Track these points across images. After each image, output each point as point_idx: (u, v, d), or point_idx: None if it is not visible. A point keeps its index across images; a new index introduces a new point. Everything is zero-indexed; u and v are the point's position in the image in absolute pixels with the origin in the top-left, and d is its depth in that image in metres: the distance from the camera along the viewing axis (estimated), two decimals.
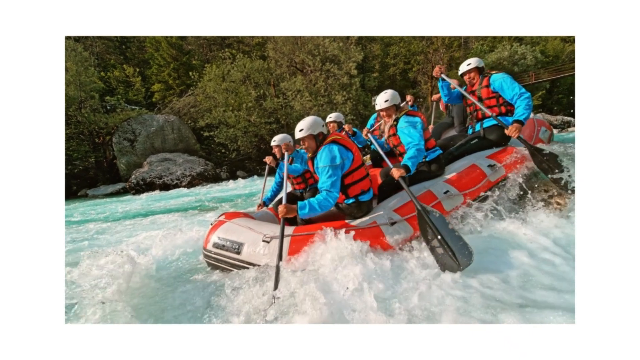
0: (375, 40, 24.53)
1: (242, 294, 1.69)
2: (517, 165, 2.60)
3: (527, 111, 2.45)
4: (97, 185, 14.72)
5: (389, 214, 2.04)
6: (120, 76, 20.20)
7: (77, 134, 15.00)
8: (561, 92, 25.50)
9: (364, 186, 2.08)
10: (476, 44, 27.01)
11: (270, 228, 2.07)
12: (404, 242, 1.96)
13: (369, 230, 1.93)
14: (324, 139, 2.07)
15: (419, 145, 2.22)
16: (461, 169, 2.48)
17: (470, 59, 2.82)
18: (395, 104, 2.41)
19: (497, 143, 2.73)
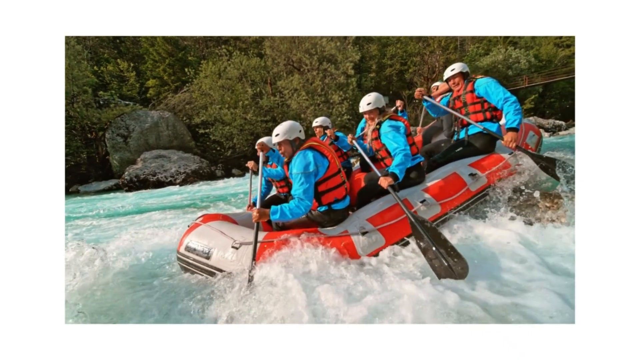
0: (372, 41, 24.59)
1: (205, 302, 1.70)
2: (500, 174, 2.53)
3: (518, 116, 2.40)
4: (89, 182, 14.48)
5: (362, 223, 2.02)
6: (114, 71, 19.85)
7: (68, 129, 14.71)
8: (553, 96, 25.97)
9: (337, 194, 2.05)
10: (472, 47, 27.30)
11: (244, 233, 2.04)
12: (374, 252, 1.94)
13: (339, 239, 1.92)
14: (301, 144, 2.05)
15: (406, 150, 2.19)
16: (441, 177, 2.41)
17: (454, 64, 2.78)
18: (379, 107, 2.37)
19: (482, 151, 2.67)
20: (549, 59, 26.88)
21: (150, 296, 1.93)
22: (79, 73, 14.78)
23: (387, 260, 1.88)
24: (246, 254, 1.85)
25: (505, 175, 2.54)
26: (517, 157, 2.64)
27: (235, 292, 1.69)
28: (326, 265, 1.76)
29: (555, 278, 1.58)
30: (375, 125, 2.37)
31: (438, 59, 23.60)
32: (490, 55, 24.39)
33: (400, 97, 24.11)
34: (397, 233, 2.05)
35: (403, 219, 2.05)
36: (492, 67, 23.92)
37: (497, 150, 2.71)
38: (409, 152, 2.19)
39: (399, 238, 2.04)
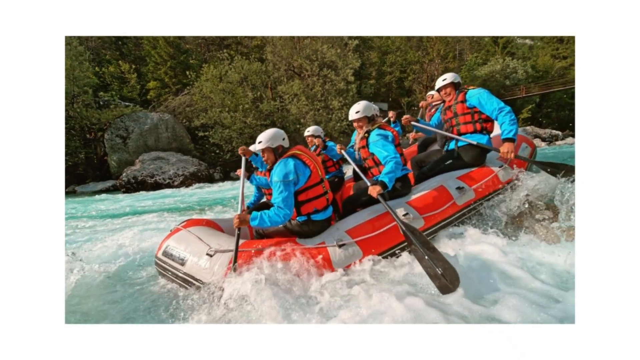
0: (372, 48, 24.91)
1: (168, 313, 1.71)
2: (490, 188, 2.43)
3: (514, 126, 2.33)
4: (86, 182, 14.42)
5: (341, 235, 1.97)
6: (115, 72, 19.94)
7: (67, 129, 14.68)
8: (550, 106, 26.33)
9: (318, 205, 2.01)
10: (470, 56, 27.71)
11: (221, 240, 2.00)
12: (351, 265, 1.89)
13: (316, 251, 1.88)
14: (284, 152, 2.04)
15: (397, 158, 2.14)
16: (427, 190, 2.33)
17: (446, 74, 2.73)
18: (367, 115, 2.34)
19: (471, 164, 2.59)
20: (546, 69, 27.34)
21: (118, 301, 1.92)
22: (81, 73, 14.83)
23: (362, 274, 1.82)
24: (220, 262, 1.82)
25: (495, 188, 2.45)
26: (507, 170, 2.56)
27: (204, 304, 1.69)
28: (299, 278, 1.74)
29: (533, 295, 1.53)
30: (364, 134, 2.34)
31: (437, 68, 23.92)
32: (488, 65, 24.77)
33: (400, 105, 24.35)
34: (376, 246, 1.98)
35: (384, 232, 2.00)
36: (489, 76, 24.27)
37: (488, 163, 2.64)
38: (399, 160, 2.16)
39: (378, 251, 1.97)
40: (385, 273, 1.85)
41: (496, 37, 28.83)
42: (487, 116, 2.51)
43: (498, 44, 28.51)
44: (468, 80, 24.71)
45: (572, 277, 1.67)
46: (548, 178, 2.45)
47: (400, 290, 1.58)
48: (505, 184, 2.50)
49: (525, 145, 3.05)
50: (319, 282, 1.75)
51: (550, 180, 2.42)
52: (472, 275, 1.67)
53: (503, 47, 28.27)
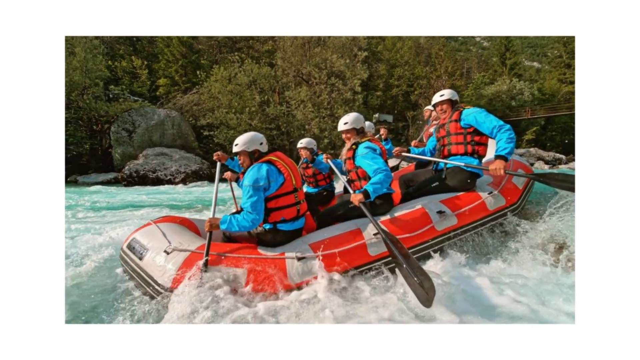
0: (381, 61, 25.24)
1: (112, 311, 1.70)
2: (475, 215, 2.26)
3: (510, 145, 2.17)
4: (89, 173, 14.52)
5: (303, 247, 1.88)
6: (127, 67, 20.31)
7: (75, 119, 14.89)
8: (555, 129, 26.40)
9: (287, 214, 1.96)
10: (478, 75, 28.00)
11: (186, 239, 1.95)
12: (307, 280, 1.78)
13: (272, 262, 1.79)
14: (260, 156, 2.00)
15: (388, 171, 2.06)
16: (406, 211, 2.20)
17: (444, 90, 2.60)
18: (356, 127, 2.28)
19: (459, 188, 2.43)
20: (552, 93, 27.53)
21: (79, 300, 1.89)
22: (93, 66, 15.12)
23: (317, 293, 1.69)
24: (174, 261, 1.77)
25: (482, 216, 2.28)
26: (497, 198, 2.39)
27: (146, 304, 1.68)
28: (245, 288, 1.68)
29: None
30: (352, 145, 2.28)
31: (444, 84, 24.14)
32: (495, 85, 24.99)
33: (405, 118, 24.52)
34: (341, 263, 1.86)
35: (351, 249, 1.90)
36: (496, 96, 24.46)
37: (477, 188, 2.46)
38: (390, 175, 2.08)
39: (342, 269, 1.85)
40: (343, 292, 1.72)
41: (504, 57, 29.16)
42: (480, 138, 2.39)
43: (506, 64, 28.83)
44: (474, 99, 24.90)
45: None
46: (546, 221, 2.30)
47: (347, 312, 1.52)
48: (493, 212, 2.32)
49: (521, 171, 2.82)
50: (264, 295, 1.68)
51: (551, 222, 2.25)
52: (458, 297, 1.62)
53: (510, 68, 28.57)
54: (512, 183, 2.60)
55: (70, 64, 14.19)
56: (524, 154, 17.63)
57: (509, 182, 2.58)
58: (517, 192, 2.54)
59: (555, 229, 2.26)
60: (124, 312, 1.72)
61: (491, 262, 2.12)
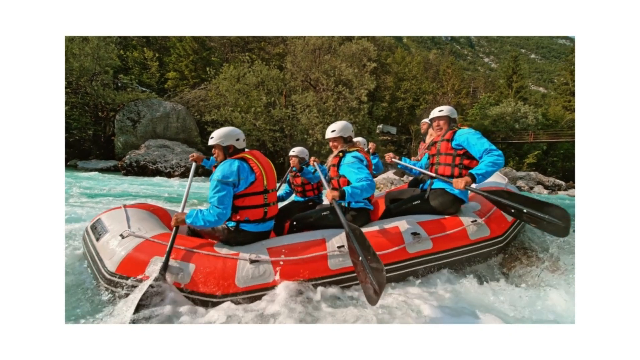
0: (389, 73, 25.53)
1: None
2: (453, 243, 2.10)
3: (489, 168, 2.03)
4: (89, 158, 14.53)
5: (261, 250, 1.80)
6: (138, 58, 20.55)
7: (82, 105, 14.99)
8: (557, 155, 26.54)
9: (252, 215, 1.90)
10: (483, 95, 28.29)
11: (147, 226, 1.90)
12: (257, 287, 1.67)
13: (224, 261, 1.71)
14: (235, 152, 1.97)
15: (372, 182, 1.98)
16: (378, 228, 2.08)
17: (444, 106, 2.47)
18: (343, 136, 2.23)
19: (440, 210, 2.27)
20: (556, 119, 27.77)
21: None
22: (105, 54, 15.29)
23: (259, 303, 1.60)
24: (125, 246, 1.72)
25: (460, 244, 2.13)
26: (481, 227, 2.21)
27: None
28: (189, 288, 1.61)
29: None
30: (338, 152, 2.22)
31: (450, 101, 24.38)
32: (500, 106, 25.22)
33: (408, 131, 24.67)
34: (297, 273, 1.74)
35: (311, 259, 1.80)
36: (500, 117, 24.67)
37: (462, 214, 2.29)
38: (374, 186, 1.99)
39: (296, 278, 1.74)
40: (290, 303, 1.60)
41: (511, 80, 29.51)
42: (470, 162, 2.25)
43: (512, 87, 29.16)
44: (478, 118, 25.11)
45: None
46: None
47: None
48: (474, 242, 2.14)
49: (486, 194, 2.65)
50: (204, 295, 1.60)
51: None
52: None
53: (516, 91, 28.89)
54: (501, 214, 2.36)
55: (83, 50, 14.35)
56: (524, 177, 17.65)
57: (497, 213, 2.36)
58: (505, 225, 2.32)
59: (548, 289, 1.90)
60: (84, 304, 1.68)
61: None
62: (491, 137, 24.66)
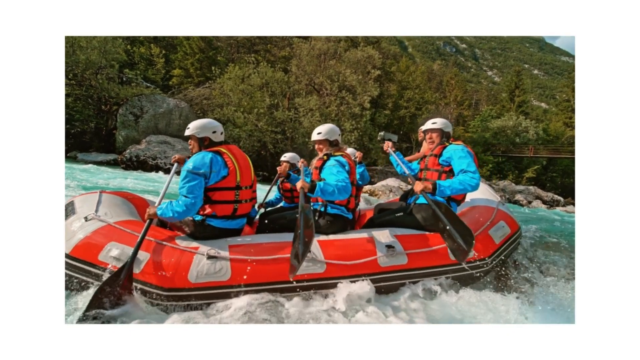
0: (393, 81, 25.71)
1: None
2: (431, 261, 1.96)
3: (455, 185, 1.96)
4: (89, 151, 14.52)
5: (222, 247, 1.72)
6: (145, 53, 20.67)
7: (85, 97, 15.02)
8: (556, 171, 26.66)
9: (220, 210, 1.83)
10: (485, 108, 28.50)
11: (116, 212, 1.88)
12: (211, 284, 1.60)
13: (181, 254, 1.64)
14: (211, 145, 1.92)
15: (348, 185, 1.92)
16: (352, 236, 2.00)
17: (438, 118, 2.38)
18: (329, 139, 2.19)
19: (422, 226, 2.16)
20: (556, 135, 27.94)
21: None
22: (112, 48, 15.36)
23: (220, 306, 1.55)
24: (86, 229, 1.70)
25: (439, 264, 1.98)
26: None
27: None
28: (139, 279, 1.54)
29: None
30: (323, 155, 2.17)
31: (452, 112, 24.53)
32: (502, 120, 25.39)
33: (409, 139, 24.75)
34: (253, 274, 1.65)
35: (270, 260, 1.72)
36: (501, 130, 24.82)
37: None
38: (349, 189, 1.93)
39: (252, 280, 1.65)
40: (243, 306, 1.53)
41: (513, 94, 29.74)
42: None
43: (514, 101, 29.39)
44: (479, 130, 25.22)
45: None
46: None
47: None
48: (455, 262, 1.98)
49: (503, 223, 2.40)
50: (152, 286, 1.53)
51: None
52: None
53: (518, 105, 29.11)
54: (489, 235, 2.24)
55: (90, 43, 14.43)
56: (523, 191, 17.67)
57: (484, 234, 2.24)
58: (492, 247, 2.18)
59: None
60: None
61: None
62: (491, 149, 24.78)
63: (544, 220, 8.51)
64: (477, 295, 1.83)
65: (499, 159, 24.59)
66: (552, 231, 4.98)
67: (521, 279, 2.18)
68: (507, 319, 1.65)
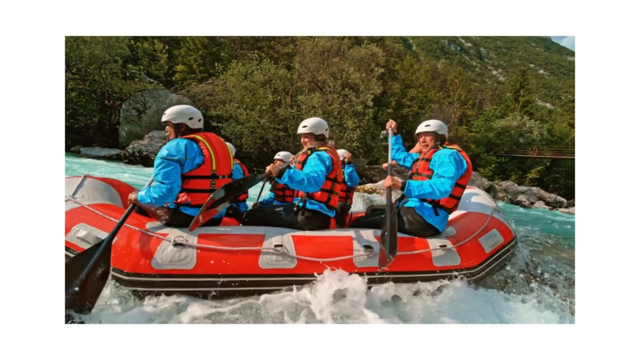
0: (396, 79, 25.55)
1: None
2: (413, 266, 1.88)
3: (424, 187, 1.89)
4: (92, 145, 14.59)
5: (192, 236, 1.68)
6: (148, 49, 20.65)
7: (89, 92, 15.07)
8: (560, 172, 26.43)
9: (194, 199, 1.81)
10: (489, 108, 28.28)
11: (93, 196, 1.88)
12: (170, 271, 1.56)
13: (148, 239, 1.61)
14: (187, 132, 1.89)
15: (318, 177, 1.85)
16: (331, 234, 1.93)
17: (431, 120, 2.28)
18: (314, 133, 2.14)
19: (407, 229, 2.07)
20: (561, 136, 27.70)
21: None
22: (116, 43, 15.37)
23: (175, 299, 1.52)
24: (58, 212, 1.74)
25: (421, 269, 1.89)
26: (452, 257, 1.98)
27: None
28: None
29: None
30: (307, 150, 2.13)
31: (455, 111, 24.35)
32: (506, 120, 25.19)
33: (412, 138, 24.64)
34: (220, 265, 1.61)
35: (241, 252, 1.67)
36: (504, 130, 24.62)
37: (433, 238, 2.05)
38: (319, 180, 1.86)
39: (218, 271, 1.60)
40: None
41: (518, 94, 29.47)
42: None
43: (519, 101, 29.11)
44: (483, 130, 25.03)
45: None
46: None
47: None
48: (438, 269, 1.91)
49: (496, 232, 2.30)
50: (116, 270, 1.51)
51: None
52: None
53: (523, 105, 28.84)
54: (478, 244, 2.13)
55: (94, 37, 14.44)
56: (525, 192, 17.56)
57: (474, 242, 2.12)
58: (481, 256, 2.08)
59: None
60: None
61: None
62: (495, 149, 24.60)
63: (542, 220, 8.44)
64: (454, 305, 1.76)
65: (502, 159, 24.43)
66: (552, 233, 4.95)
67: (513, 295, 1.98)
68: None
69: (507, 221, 2.56)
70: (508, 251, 2.33)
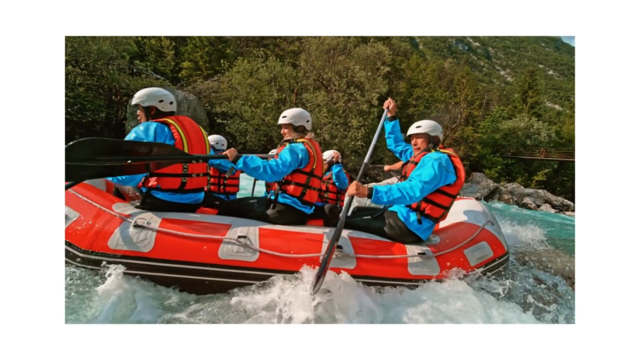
0: (402, 79, 25.36)
1: None
2: (386, 272, 1.77)
3: (393, 192, 1.74)
4: None
5: (154, 219, 1.64)
6: (155, 45, 20.81)
7: (97, 87, 15.24)
8: (567, 175, 25.99)
9: (165, 183, 1.76)
10: (496, 108, 27.92)
11: (80, 192, 1.85)
12: (126, 252, 1.51)
13: (108, 217, 1.58)
14: (158, 115, 1.84)
15: (280, 167, 1.79)
16: (306, 230, 1.85)
17: (423, 121, 2.14)
18: (294, 124, 2.09)
19: (387, 233, 1.98)
20: (569, 138, 27.22)
21: None
22: (123, 39, 15.51)
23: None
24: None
25: (395, 277, 1.78)
26: (430, 265, 1.87)
27: None
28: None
29: None
30: (284, 142, 2.11)
31: (462, 111, 24.09)
32: (513, 121, 24.85)
33: None
34: (177, 250, 1.56)
35: (201, 240, 1.61)
36: (511, 131, 24.30)
37: (412, 244, 1.95)
38: (277, 170, 1.79)
39: (172, 257, 1.55)
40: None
41: (526, 95, 29.03)
42: (433, 196, 1.96)
43: (527, 102, 28.68)
44: (489, 131, 24.73)
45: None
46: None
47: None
48: (412, 278, 1.81)
49: (485, 244, 2.13)
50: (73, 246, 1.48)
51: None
52: None
53: (531, 106, 28.40)
54: (463, 255, 2.00)
55: None
56: (532, 194, 17.33)
57: (458, 253, 1.99)
58: (464, 269, 1.94)
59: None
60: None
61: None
62: (501, 151, 24.30)
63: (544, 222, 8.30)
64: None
65: (509, 160, 24.15)
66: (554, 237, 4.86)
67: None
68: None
69: (500, 235, 2.40)
70: (498, 267, 2.16)
